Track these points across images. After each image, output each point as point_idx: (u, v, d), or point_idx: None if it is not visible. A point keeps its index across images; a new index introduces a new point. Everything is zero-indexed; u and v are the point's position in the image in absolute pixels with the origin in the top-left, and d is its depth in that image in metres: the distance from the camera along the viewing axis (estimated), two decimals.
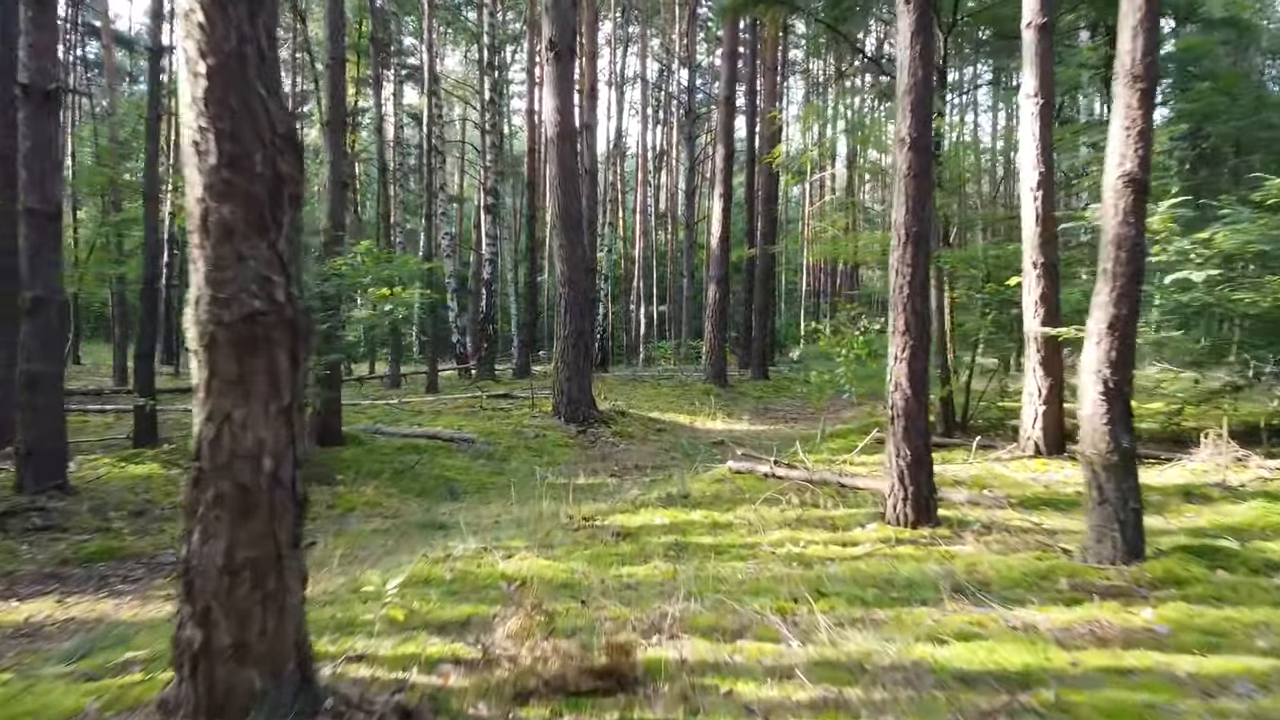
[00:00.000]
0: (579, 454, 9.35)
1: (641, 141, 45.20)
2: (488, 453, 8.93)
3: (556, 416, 10.67)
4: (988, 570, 3.93)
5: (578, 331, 10.53)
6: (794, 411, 13.73)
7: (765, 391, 16.02)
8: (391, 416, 11.23)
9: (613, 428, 10.56)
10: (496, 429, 10.05)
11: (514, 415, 11.05)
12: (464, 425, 10.28)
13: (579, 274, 10.53)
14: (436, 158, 24.80)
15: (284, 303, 2.36)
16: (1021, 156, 7.09)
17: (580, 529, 4.92)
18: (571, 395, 10.55)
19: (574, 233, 10.51)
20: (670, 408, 13.05)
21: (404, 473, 7.77)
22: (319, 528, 6.10)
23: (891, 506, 4.71)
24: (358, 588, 3.82)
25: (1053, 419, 7.00)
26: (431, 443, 9.06)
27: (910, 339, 4.66)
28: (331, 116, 8.46)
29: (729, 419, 12.44)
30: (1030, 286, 6.99)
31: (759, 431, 11.22)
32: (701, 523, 5.03)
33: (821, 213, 44.15)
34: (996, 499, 5.52)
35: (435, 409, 12.07)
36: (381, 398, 14.65)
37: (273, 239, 2.36)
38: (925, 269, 4.71)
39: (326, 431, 8.48)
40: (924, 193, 4.70)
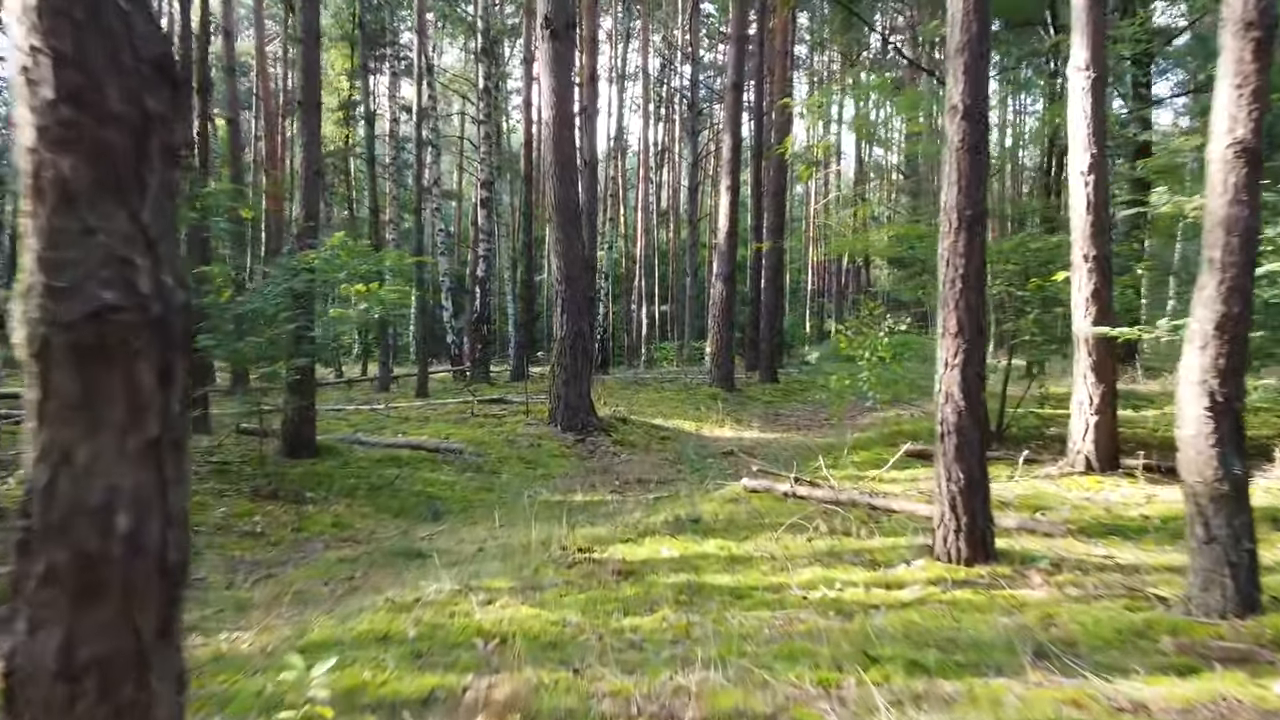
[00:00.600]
0: (577, 466, 8.70)
1: (643, 137, 44.60)
2: (476, 465, 8.28)
3: (553, 424, 10.02)
4: (1069, 624, 3.28)
5: (576, 332, 9.89)
6: (806, 417, 13.07)
7: (774, 395, 15.36)
8: (375, 424, 10.58)
9: (613, 436, 9.91)
10: (487, 438, 9.40)
11: (507, 422, 10.40)
12: (452, 433, 9.63)
13: (577, 271, 9.88)
14: (430, 151, 24.21)
15: (149, 295, 1.70)
16: (1071, 137, 6.44)
17: (575, 564, 4.28)
18: (569, 401, 9.90)
19: (571, 226, 9.86)
20: (674, 413, 12.40)
21: (382, 489, 7.12)
22: (279, 556, 5.46)
23: (941, 539, 4.06)
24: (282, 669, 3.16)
25: (1105, 431, 6.34)
26: (415, 454, 8.41)
27: (963, 342, 4.02)
28: (305, 96, 7.82)
29: (737, 426, 11.79)
30: (1080, 282, 6.34)
31: (771, 440, 10.56)
32: (716, 556, 4.38)
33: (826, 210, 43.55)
34: (1054, 526, 4.87)
35: (423, 415, 11.42)
36: (368, 402, 14.01)
37: (135, 207, 1.71)
38: (981, 259, 4.06)
39: (298, 442, 7.84)
40: (979, 169, 4.06)
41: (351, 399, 14.96)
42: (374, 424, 10.57)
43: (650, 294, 43.45)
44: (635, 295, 43.79)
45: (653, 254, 45.06)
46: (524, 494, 7.45)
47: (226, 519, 6.05)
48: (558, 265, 9.87)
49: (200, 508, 6.20)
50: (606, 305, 23.99)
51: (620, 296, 44.21)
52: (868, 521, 5.08)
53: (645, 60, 41.22)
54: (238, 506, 6.31)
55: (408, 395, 15.19)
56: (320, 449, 8.11)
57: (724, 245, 14.58)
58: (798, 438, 10.63)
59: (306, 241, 7.51)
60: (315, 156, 7.84)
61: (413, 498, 6.97)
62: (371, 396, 15.46)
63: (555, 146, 9.72)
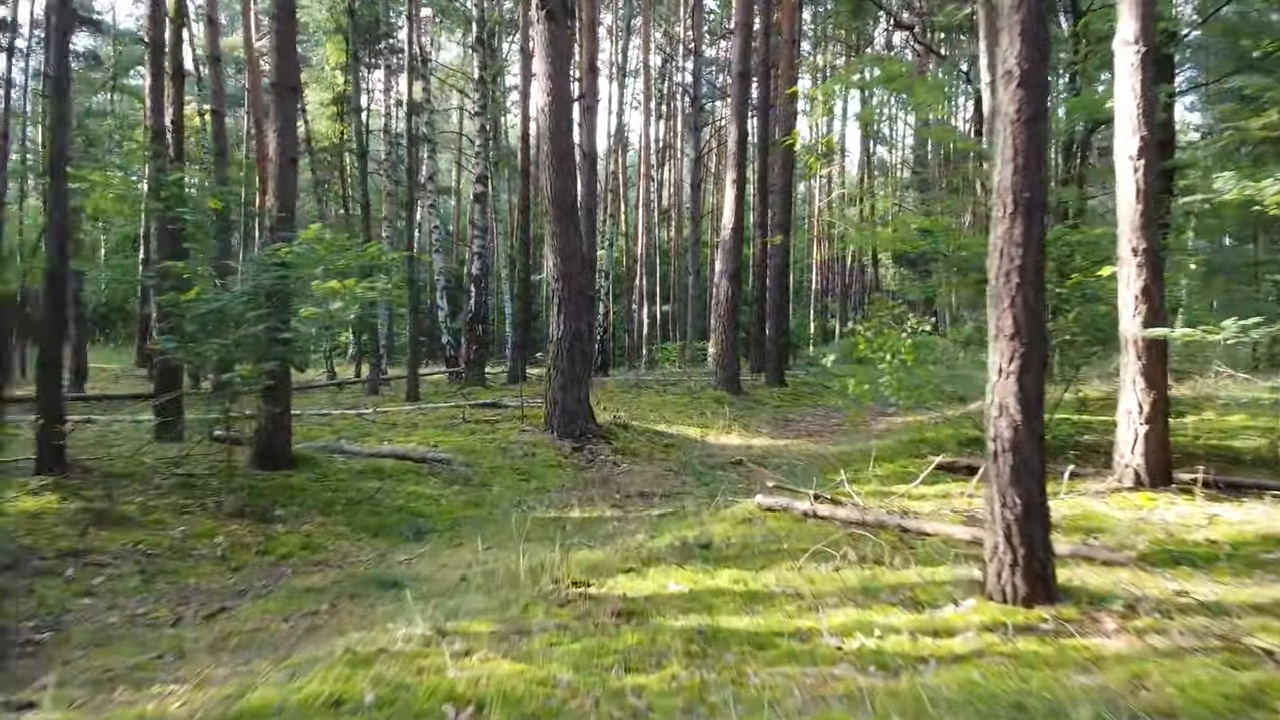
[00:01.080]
0: (573, 477, 8.18)
1: (644, 134, 44.21)
2: (465, 477, 7.75)
3: (549, 430, 9.50)
4: (1163, 687, 2.75)
5: (573, 333, 9.36)
6: (818, 423, 12.54)
7: (783, 399, 14.83)
8: (360, 430, 10.06)
9: (613, 444, 9.39)
10: (479, 446, 8.87)
11: (500, 429, 9.87)
12: (441, 441, 9.11)
13: (574, 267, 9.36)
14: (426, 146, 23.71)
15: None
16: (1118, 119, 5.91)
17: (568, 601, 3.75)
18: (566, 406, 9.38)
19: (569, 220, 9.33)
20: (678, 418, 11.87)
21: (361, 504, 6.60)
22: (239, 584, 4.93)
23: (994, 574, 3.53)
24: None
25: (1156, 442, 5.81)
26: (399, 464, 7.88)
27: (1020, 345, 3.49)
28: (279, 78, 7.30)
29: (745, 432, 11.26)
30: (1129, 278, 5.81)
31: (782, 448, 10.04)
32: (731, 592, 3.85)
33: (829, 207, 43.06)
34: (1113, 553, 4.34)
35: (412, 420, 10.90)
36: (356, 406, 13.49)
37: None
38: (1041, 249, 3.54)
39: (271, 452, 7.32)
40: (1038, 144, 3.53)
41: (339, 403, 14.45)
42: (359, 430, 10.05)
43: (651, 293, 42.98)
44: (636, 295, 43.31)
45: (654, 253, 44.60)
46: (516, 509, 6.93)
47: (185, 540, 5.52)
48: (554, 262, 9.34)
49: (157, 527, 5.68)
50: (607, 305, 23.48)
51: (621, 296, 43.74)
52: (900, 547, 4.55)
53: (646, 55, 40.78)
54: (199, 525, 5.78)
55: (397, 399, 14.68)
56: (297, 459, 7.58)
57: (729, 242, 14.06)
58: (811, 446, 10.10)
59: (281, 234, 6.98)
60: (290, 143, 7.32)
61: (394, 514, 6.44)
62: (361, 400, 14.95)
63: (551, 135, 9.20)
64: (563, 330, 9.36)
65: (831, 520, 5.19)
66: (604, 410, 11.12)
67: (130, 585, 4.76)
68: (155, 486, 6.68)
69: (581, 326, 9.43)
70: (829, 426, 12.16)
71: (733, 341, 14.34)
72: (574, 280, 9.37)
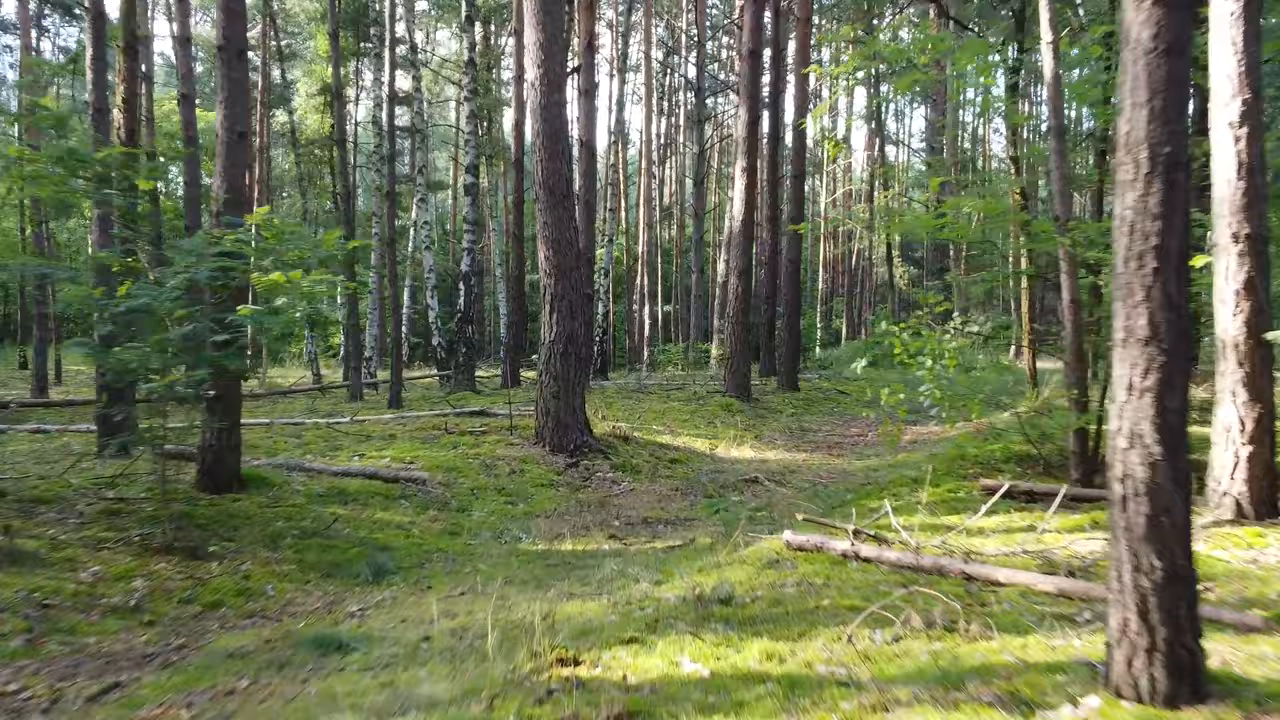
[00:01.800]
0: (567, 499, 7.32)
1: (645, 129, 43.47)
2: (441, 500, 6.90)
3: (539, 444, 8.64)
4: None
5: (567, 335, 8.51)
6: (838, 433, 11.67)
7: (797, 406, 13.96)
8: (330, 443, 9.20)
9: (612, 459, 8.53)
10: (460, 462, 8.01)
11: (486, 441, 9.01)
12: (419, 456, 8.26)
13: (568, 260, 8.50)
14: (415, 138, 22.86)
15: None
16: (1213, 80, 5.05)
17: (550, 694, 2.88)
18: (559, 417, 8.52)
19: (561, 207, 8.48)
20: (684, 428, 11.01)
21: (315, 536, 5.74)
22: (150, 643, 4.07)
23: (1123, 661, 2.67)
24: None
25: (1261, 466, 4.95)
26: (367, 485, 7.03)
27: (1160, 352, 2.63)
28: (226, 39, 6.44)
29: (759, 444, 10.40)
30: (1228, 270, 4.95)
31: (801, 463, 9.18)
32: (765, 676, 2.98)
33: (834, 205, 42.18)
34: (1242, 615, 3.48)
35: (390, 431, 10.04)
36: (332, 414, 12.65)
37: None
38: (1186, 223, 2.68)
39: (218, 473, 6.46)
40: (1180, 82, 2.67)
41: (315, 409, 13.60)
42: (329, 443, 9.20)
43: (653, 293, 42.14)
44: (637, 294, 42.49)
45: (655, 251, 43.80)
46: (498, 540, 6.08)
47: (95, 584, 4.67)
48: (545, 255, 8.49)
49: (65, 567, 4.82)
50: (607, 304, 22.62)
51: (622, 296, 42.91)
52: (970, 604, 3.70)
53: (648, 45, 40.04)
54: (116, 564, 4.93)
55: (379, 406, 13.83)
56: (249, 480, 6.72)
57: (739, 235, 13.21)
58: (833, 461, 9.25)
59: (227, 220, 6.13)
60: (238, 115, 6.46)
61: (353, 549, 5.57)
62: (339, 407, 14.11)
63: (543, 111, 8.34)
64: (555, 331, 8.51)
65: (878, 564, 4.33)
66: (602, 419, 10.26)
67: (9, 649, 3.90)
68: (78, 514, 5.82)
69: (576, 327, 8.58)
70: (850, 437, 11.29)
71: (743, 344, 13.48)
72: (568, 275, 8.51)
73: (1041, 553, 4.46)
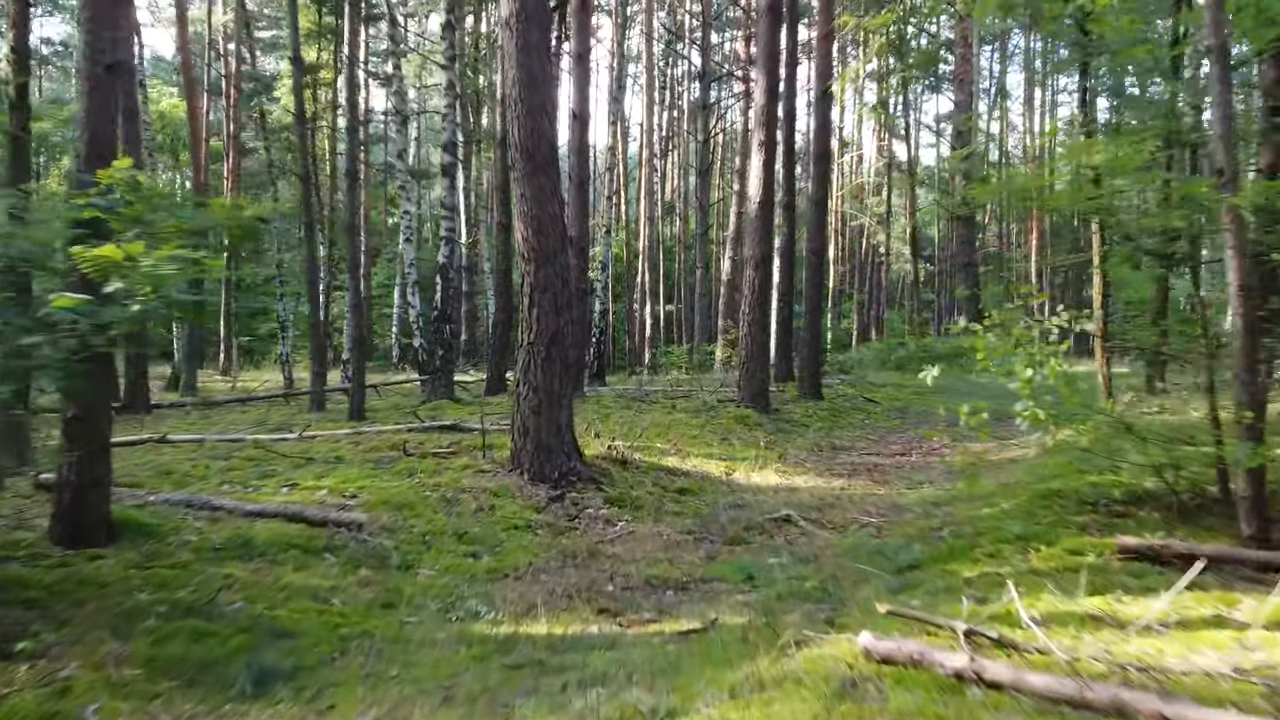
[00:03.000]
0: (546, 548, 5.82)
1: (646, 118, 42.13)
2: (380, 552, 5.40)
3: (516, 470, 7.16)
4: None
5: (550, 335, 7.03)
6: (876, 450, 10.18)
7: (823, 417, 12.46)
8: (260, 469, 7.72)
9: (606, 490, 7.04)
10: (414, 496, 6.51)
11: (452, 467, 7.52)
12: (365, 488, 6.76)
13: (552, 242, 7.01)
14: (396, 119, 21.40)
15: None
16: None
17: None
18: (540, 438, 7.04)
19: (543, 177, 6.99)
20: (694, 447, 9.51)
21: (190, 614, 4.24)
22: None
23: None
24: None
25: None
26: (285, 531, 5.52)
27: None
28: None
29: (784, 467, 8.91)
30: None
31: (839, 493, 7.68)
32: None
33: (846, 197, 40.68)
34: None
35: (339, 452, 8.56)
36: (282, 427, 11.18)
37: None
38: None
39: (78, 519, 4.97)
40: None
41: (265, 421, 12.12)
42: (259, 469, 7.71)
43: (654, 291, 40.72)
44: (638, 292, 41.06)
45: (657, 247, 42.35)
46: (447, 616, 4.59)
47: None
48: (523, 235, 7.01)
49: None
50: (606, 302, 21.14)
51: (622, 295, 41.45)
52: None
53: (650, 23, 38.60)
54: None
55: (338, 417, 12.34)
56: (124, 527, 5.23)
57: (755, 219, 11.70)
58: (880, 490, 7.75)
59: (83, 178, 4.65)
60: (104, 43, 4.97)
61: (237, 635, 4.07)
62: (296, 418, 12.63)
63: (519, 56, 6.86)
64: (535, 330, 7.02)
65: (1015, 693, 2.83)
66: (595, 438, 8.76)
67: None
68: None
69: (562, 325, 7.09)
70: (890, 457, 9.79)
71: (762, 345, 11.97)
72: (552, 260, 7.02)
73: (1257, 675, 2.95)
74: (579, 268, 13.18)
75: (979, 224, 35.55)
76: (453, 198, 14.04)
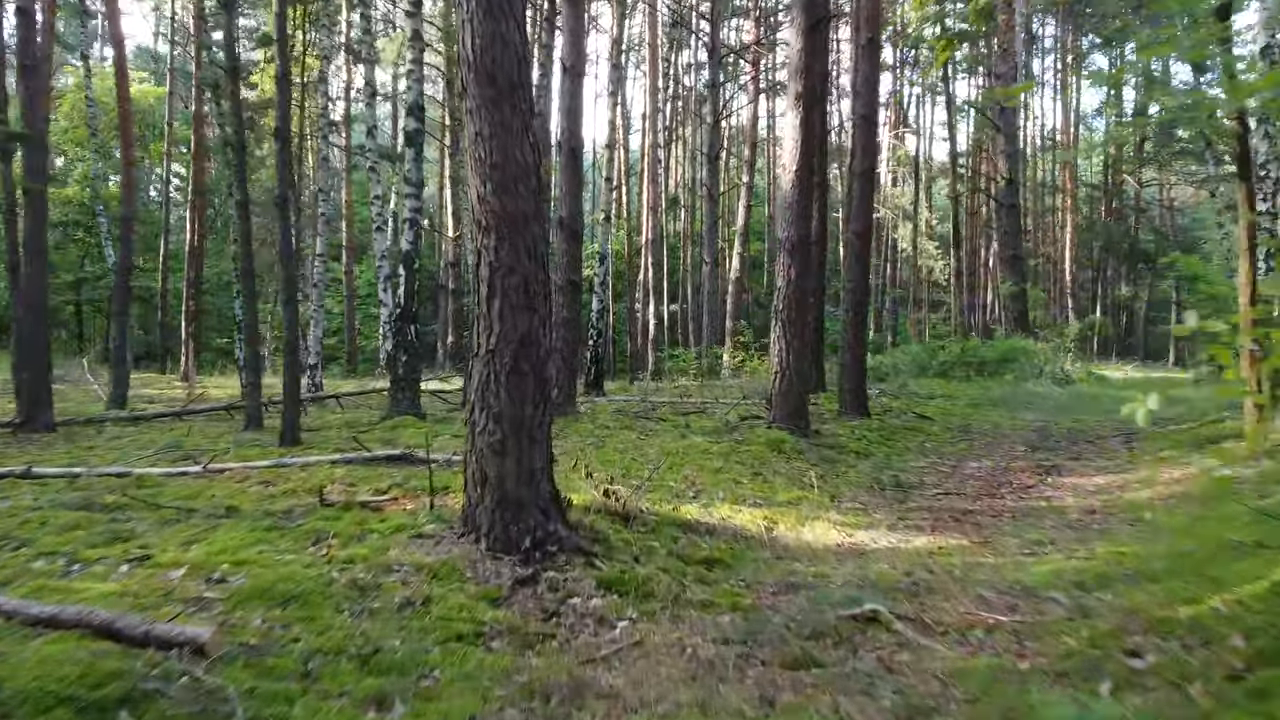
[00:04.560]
0: (504, 681, 3.79)
1: (650, 100, 40.25)
2: (220, 709, 3.37)
3: (469, 534, 5.15)
4: None
5: (519, 340, 5.01)
6: (953, 487, 8.12)
7: (873, 440, 10.42)
8: (114, 527, 5.70)
9: (600, 564, 5.02)
10: (311, 580, 4.49)
11: (380, 527, 5.50)
12: (245, 562, 4.77)
13: (522, 203, 4.98)
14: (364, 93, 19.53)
15: None
16: None
17: None
18: (505, 488, 5.03)
19: (508, 107, 4.96)
20: (718, 484, 7.48)
21: None
22: None
23: None
24: None
25: None
26: (73, 656, 3.48)
27: None
28: None
29: (843, 516, 6.87)
30: None
31: (932, 560, 5.63)
32: None
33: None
34: None
35: (236, 497, 6.56)
36: (195, 453, 9.18)
37: None
38: None
39: None
40: None
41: (179, 445, 10.11)
42: (115, 524, 5.71)
43: (658, 289, 38.78)
44: (640, 291, 39.14)
45: (661, 241, 40.41)
46: None
47: None
48: (479, 191, 4.99)
49: None
50: (604, 300, 19.13)
51: (623, 294, 39.46)
52: None
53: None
54: None
55: (264, 444, 10.31)
56: None
57: (791, 193, 9.66)
58: (987, 554, 5.68)
59: None
60: None
61: None
62: (220, 441, 10.63)
63: None
64: (498, 332, 5.00)
65: None
66: (588, 476, 6.74)
67: None
68: None
69: (536, 326, 5.07)
70: (975, 497, 7.75)
71: (798, 351, 9.92)
72: (521, 231, 5.00)
73: None
74: (571, 254, 11.17)
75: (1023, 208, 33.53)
76: (418, 172, 12.02)
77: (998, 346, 20.27)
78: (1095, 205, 48.99)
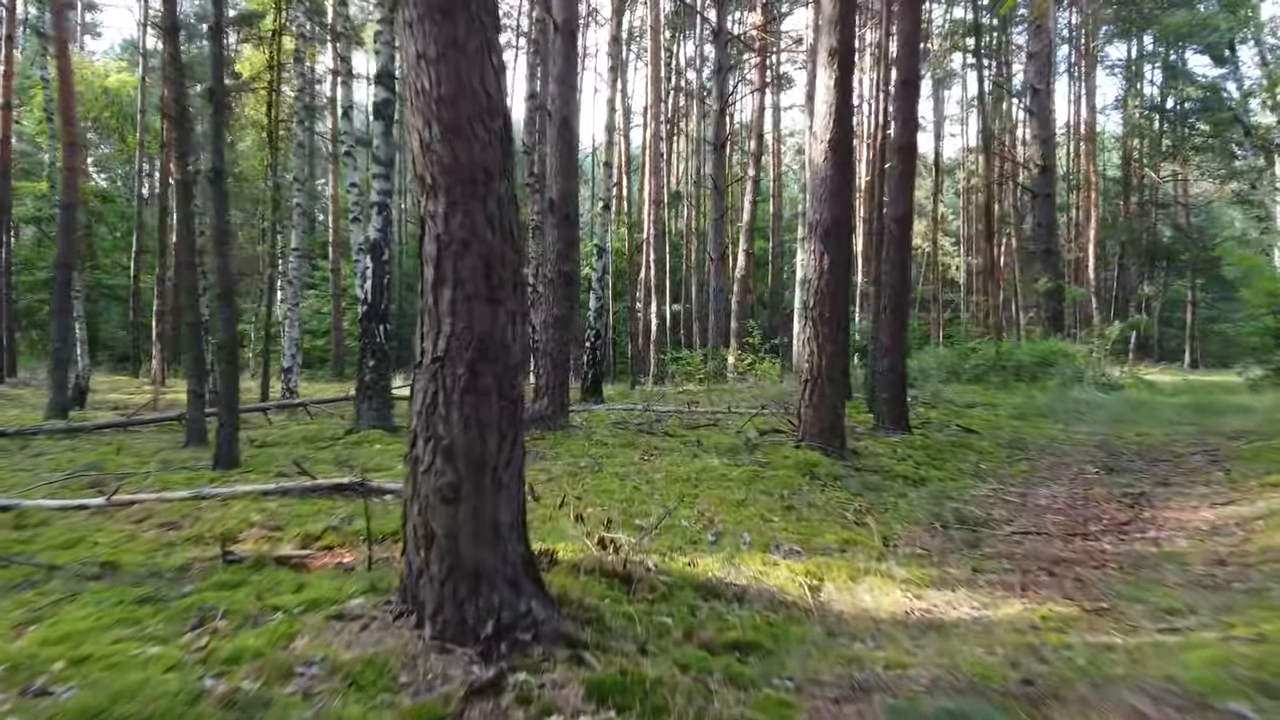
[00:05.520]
0: None
1: (652, 89, 38.89)
2: None
3: (410, 615, 3.80)
4: None
5: (478, 345, 3.66)
6: (1029, 517, 6.75)
7: (921, 461, 9.05)
8: None
9: (590, 664, 3.66)
10: (175, 695, 3.15)
11: (302, 593, 4.17)
12: (90, 659, 3.44)
13: (481, 153, 3.65)
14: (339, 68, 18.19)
15: None
16: None
17: None
18: (459, 551, 3.69)
19: (462, 20, 3.63)
20: (740, 523, 6.11)
21: None
22: None
23: None
24: None
25: None
26: None
27: None
28: None
29: (905, 569, 5.50)
30: None
31: (1041, 647, 4.27)
32: None
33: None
34: None
35: (123, 547, 5.22)
36: (101, 481, 7.84)
37: None
38: None
39: None
40: None
41: (100, 465, 8.78)
42: None
43: (660, 288, 37.47)
44: (642, 289, 37.82)
45: (663, 237, 39.12)
46: None
47: None
48: (421, 137, 3.64)
49: None
50: (603, 298, 17.80)
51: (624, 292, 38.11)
52: None
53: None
54: None
55: (197, 464, 8.96)
56: None
57: (823, 167, 8.28)
58: (1113, 637, 4.32)
59: None
60: None
61: None
62: (146, 460, 9.29)
63: None
64: (448, 332, 3.66)
65: None
66: (578, 520, 5.38)
67: None
68: None
69: (499, 325, 3.72)
70: (1063, 537, 6.38)
71: (832, 357, 8.56)
72: (478, 193, 3.65)
73: None
74: (564, 239, 9.82)
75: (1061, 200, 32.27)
76: (387, 149, 10.69)
77: (1034, 349, 18.95)
78: (1112, 201, 47.77)
